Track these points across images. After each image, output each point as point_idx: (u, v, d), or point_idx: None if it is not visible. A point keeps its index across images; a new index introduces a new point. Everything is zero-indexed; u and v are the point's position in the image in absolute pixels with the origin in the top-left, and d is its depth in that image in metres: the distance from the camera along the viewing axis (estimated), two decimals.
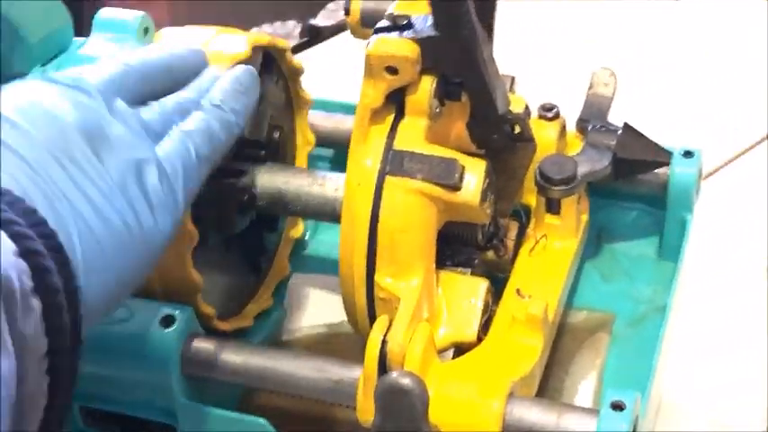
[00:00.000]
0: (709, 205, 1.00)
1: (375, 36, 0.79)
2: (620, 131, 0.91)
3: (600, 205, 0.96)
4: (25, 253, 0.58)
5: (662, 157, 0.91)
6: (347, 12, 0.92)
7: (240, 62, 0.84)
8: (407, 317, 0.78)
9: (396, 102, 0.80)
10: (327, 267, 0.98)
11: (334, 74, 1.21)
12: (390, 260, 0.80)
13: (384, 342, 0.77)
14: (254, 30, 1.54)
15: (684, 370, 0.98)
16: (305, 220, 0.99)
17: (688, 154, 0.93)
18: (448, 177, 0.78)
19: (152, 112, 0.73)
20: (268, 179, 0.88)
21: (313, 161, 1.00)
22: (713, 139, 1.18)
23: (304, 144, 0.97)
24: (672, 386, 0.94)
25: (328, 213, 0.88)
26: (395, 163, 0.79)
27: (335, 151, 1.03)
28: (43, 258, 0.59)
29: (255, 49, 0.86)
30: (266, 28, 1.54)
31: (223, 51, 0.84)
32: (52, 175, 0.64)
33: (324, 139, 1.00)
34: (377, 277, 0.80)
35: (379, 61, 0.78)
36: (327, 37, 1.33)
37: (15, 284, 0.57)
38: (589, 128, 0.91)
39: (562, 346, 0.91)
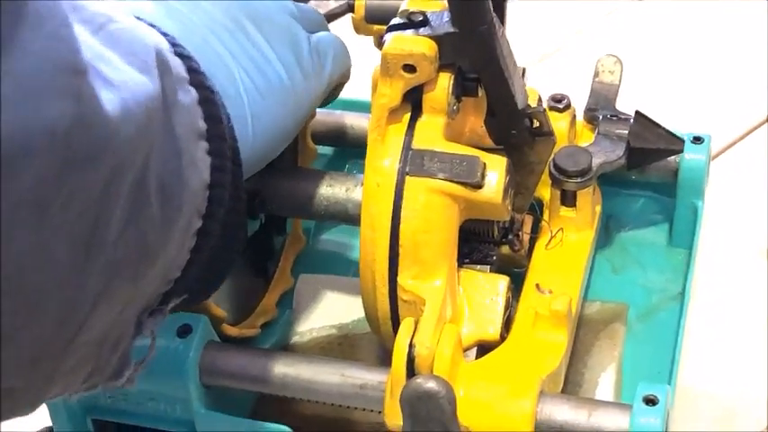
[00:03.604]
0: (716, 187, 0.99)
1: (390, 34, 0.77)
2: (632, 120, 0.90)
3: (607, 194, 0.95)
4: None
5: (676, 144, 0.90)
6: (351, 8, 0.91)
7: None
8: (434, 319, 0.77)
9: (411, 99, 0.79)
10: (332, 267, 0.97)
11: None
12: (413, 261, 0.78)
13: (411, 345, 0.76)
14: None
15: (693, 360, 0.97)
16: (307, 234, 0.98)
17: (697, 139, 0.93)
18: (470, 176, 0.77)
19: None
20: (277, 182, 0.86)
21: None
22: (715, 123, 1.17)
23: (306, 158, 0.95)
24: (681, 377, 0.94)
25: (340, 214, 0.86)
26: (415, 162, 0.78)
27: (335, 150, 1.01)
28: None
29: None
30: None
31: None
32: (223, 40, 0.74)
33: (323, 138, 0.98)
34: (400, 279, 0.79)
35: (396, 60, 0.76)
36: None
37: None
38: (600, 117, 0.91)
39: (578, 338, 0.90)
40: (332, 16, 0.94)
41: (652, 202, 0.97)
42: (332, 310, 0.94)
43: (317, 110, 0.95)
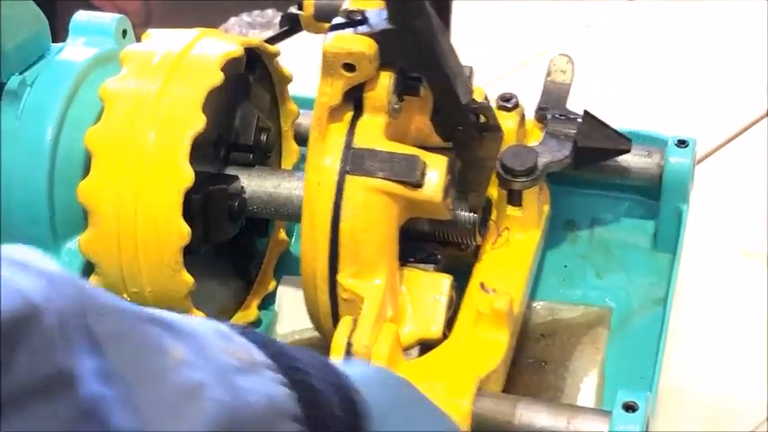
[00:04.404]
0: (701, 191, 0.99)
1: (331, 33, 0.77)
2: (580, 120, 0.90)
3: (590, 197, 0.95)
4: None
5: (623, 144, 0.90)
6: (300, 6, 0.91)
7: (232, 59, 0.84)
8: (372, 317, 0.77)
9: (354, 98, 0.79)
10: None
11: (314, 64, 1.18)
12: (353, 260, 0.79)
13: (349, 344, 0.76)
14: (233, 19, 1.52)
15: (681, 362, 0.97)
16: (290, 236, 0.98)
17: (682, 143, 0.92)
18: (409, 174, 0.77)
19: None
20: (258, 184, 0.87)
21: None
22: (703, 126, 1.16)
23: (290, 154, 0.95)
24: (669, 379, 0.94)
25: None
26: (355, 161, 0.78)
27: None
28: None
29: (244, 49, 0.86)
30: (245, 17, 1.51)
31: (215, 50, 0.84)
32: None
33: (305, 138, 0.98)
34: (339, 278, 0.79)
35: (335, 58, 0.76)
36: None
37: None
38: (548, 116, 0.90)
39: (561, 343, 0.90)
40: None
41: (636, 206, 0.96)
42: None
43: (302, 110, 0.95)
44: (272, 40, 0.93)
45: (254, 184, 0.87)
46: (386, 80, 0.78)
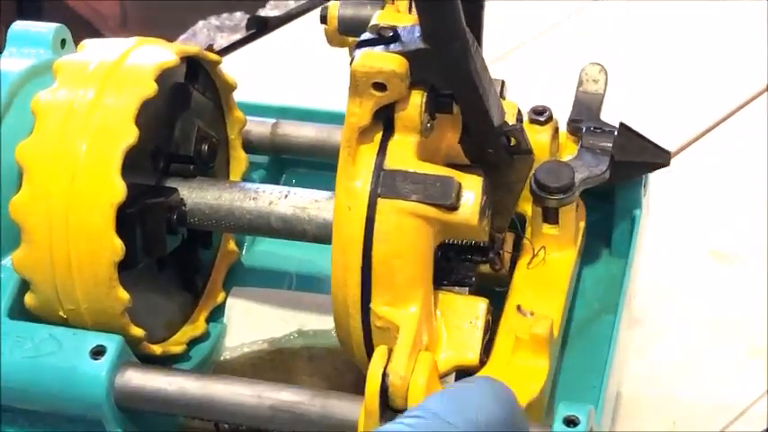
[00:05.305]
0: (666, 191, 0.96)
1: (360, 50, 0.74)
2: (615, 132, 0.86)
3: None
4: None
5: (661, 157, 0.87)
6: (323, 19, 0.87)
7: (167, 69, 0.81)
8: (408, 347, 0.74)
9: (383, 118, 0.76)
10: (267, 280, 0.95)
11: (280, 68, 1.16)
12: (387, 287, 0.75)
13: (385, 374, 0.73)
14: (201, 22, 1.49)
15: (643, 367, 0.95)
16: (239, 246, 0.96)
17: None
18: (444, 197, 0.74)
19: None
20: (198, 195, 0.84)
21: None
22: (669, 123, 1.14)
23: (238, 163, 0.93)
24: (631, 384, 0.92)
25: (263, 228, 0.84)
26: (387, 184, 0.75)
27: (271, 158, 0.99)
28: None
29: (181, 58, 0.84)
30: (213, 20, 1.48)
31: (150, 60, 0.81)
32: None
33: (256, 146, 0.96)
34: (373, 305, 0.76)
35: (365, 77, 0.73)
36: (274, 28, 1.26)
37: None
38: (583, 129, 0.87)
39: None
40: (285, 19, 0.92)
41: (592, 212, 0.92)
42: (265, 325, 0.92)
43: (249, 117, 0.93)
44: (238, 44, 0.89)
45: (194, 195, 0.84)
46: (417, 99, 0.75)
